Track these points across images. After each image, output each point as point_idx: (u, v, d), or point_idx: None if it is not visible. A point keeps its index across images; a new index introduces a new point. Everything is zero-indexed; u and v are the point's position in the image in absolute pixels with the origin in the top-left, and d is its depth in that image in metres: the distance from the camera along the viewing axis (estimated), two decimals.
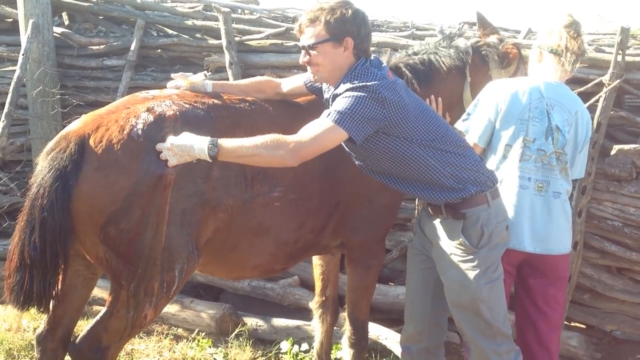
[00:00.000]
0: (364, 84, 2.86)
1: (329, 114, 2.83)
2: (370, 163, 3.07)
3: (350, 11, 2.91)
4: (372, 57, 3.05)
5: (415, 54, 3.71)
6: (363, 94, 2.83)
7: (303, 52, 2.99)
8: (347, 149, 3.07)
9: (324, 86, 3.16)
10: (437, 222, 3.14)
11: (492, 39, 3.78)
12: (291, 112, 3.32)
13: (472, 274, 3.03)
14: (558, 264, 3.37)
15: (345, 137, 2.82)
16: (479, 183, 3.02)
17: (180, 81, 3.24)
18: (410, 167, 2.98)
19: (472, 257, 3.03)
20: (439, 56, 3.66)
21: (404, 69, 3.60)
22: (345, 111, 2.79)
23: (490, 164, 3.37)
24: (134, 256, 2.84)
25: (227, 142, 2.76)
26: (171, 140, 2.80)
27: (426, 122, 2.99)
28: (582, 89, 4.32)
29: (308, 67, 3.03)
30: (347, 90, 2.88)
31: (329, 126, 2.79)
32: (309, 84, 3.29)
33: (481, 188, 3.02)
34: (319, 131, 2.79)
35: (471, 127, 3.39)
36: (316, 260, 3.99)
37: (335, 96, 2.95)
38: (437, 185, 3.01)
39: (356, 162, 3.14)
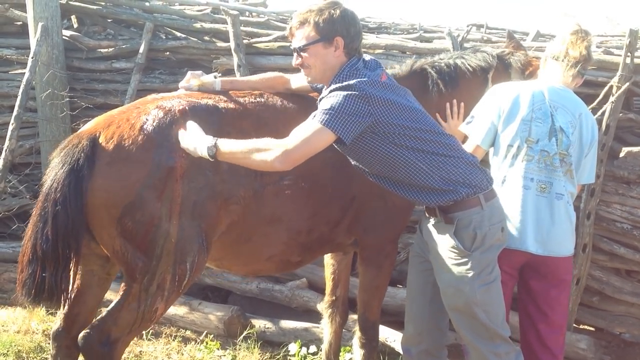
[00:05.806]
0: (347, 83, 2.89)
1: (314, 116, 2.86)
2: (364, 165, 3.09)
3: (338, 11, 2.96)
4: (367, 59, 3.08)
5: (441, 58, 3.79)
6: (346, 92, 2.86)
7: (295, 54, 3.04)
8: (339, 150, 3.08)
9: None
10: (431, 224, 3.14)
11: (517, 51, 3.87)
12: (298, 104, 3.36)
13: (466, 278, 3.02)
14: (560, 266, 3.36)
15: (334, 138, 2.84)
16: (470, 185, 3.01)
17: (193, 80, 3.29)
18: (400, 170, 2.98)
19: (465, 260, 3.02)
20: (464, 60, 3.73)
21: (429, 69, 3.67)
22: (331, 111, 2.82)
23: (494, 165, 3.39)
24: (150, 247, 2.91)
25: (225, 146, 2.84)
26: (179, 138, 2.92)
27: (417, 123, 2.98)
28: (596, 94, 4.32)
29: (301, 69, 3.08)
30: (332, 90, 2.92)
31: (316, 128, 2.82)
32: (312, 84, 3.31)
33: (473, 190, 3.01)
34: (307, 134, 2.81)
35: (474, 129, 3.39)
36: (328, 260, 4.01)
37: (322, 99, 2.98)
38: (427, 188, 3.00)
39: (353, 164, 3.15)
